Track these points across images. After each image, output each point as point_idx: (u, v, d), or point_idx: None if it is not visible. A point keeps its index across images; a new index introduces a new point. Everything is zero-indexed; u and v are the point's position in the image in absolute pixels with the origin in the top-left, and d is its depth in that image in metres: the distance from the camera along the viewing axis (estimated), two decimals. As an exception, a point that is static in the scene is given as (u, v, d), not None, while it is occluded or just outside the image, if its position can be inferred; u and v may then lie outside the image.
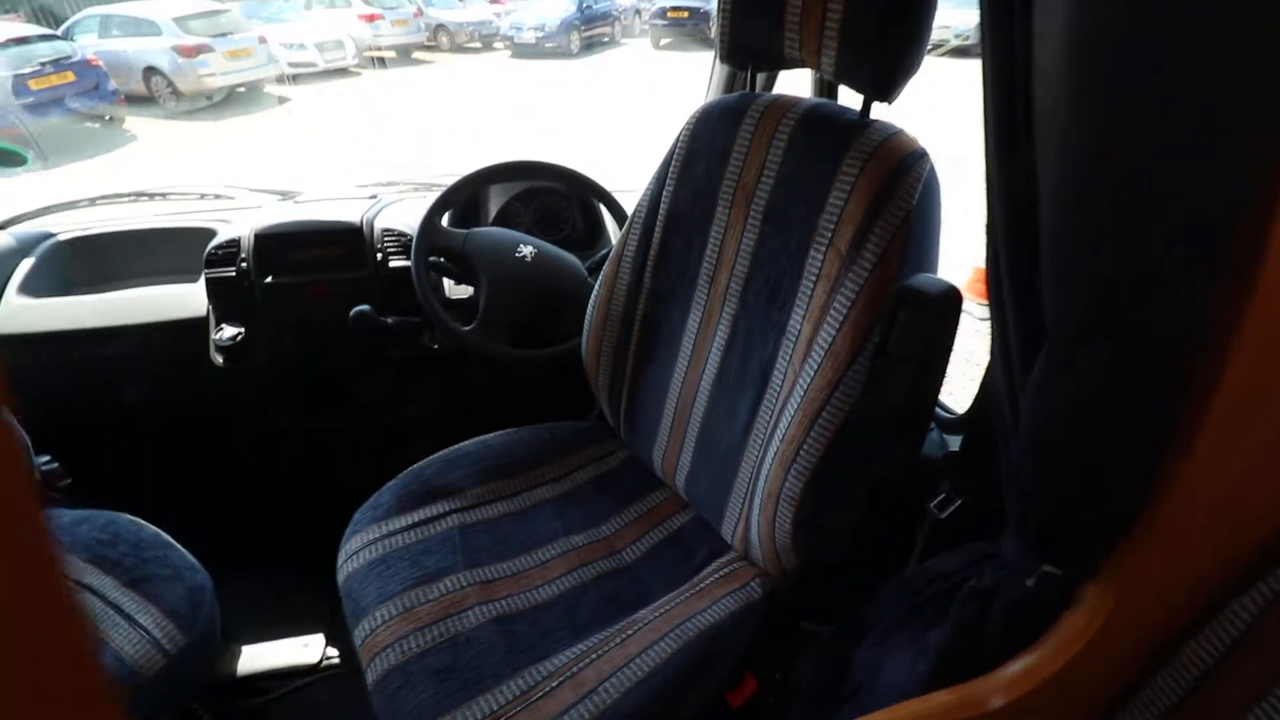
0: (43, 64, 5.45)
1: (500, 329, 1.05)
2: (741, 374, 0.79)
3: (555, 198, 1.38)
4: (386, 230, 1.23)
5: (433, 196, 1.09)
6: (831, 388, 0.65)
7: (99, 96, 5.85)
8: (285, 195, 1.49)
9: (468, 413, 1.60)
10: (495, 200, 1.39)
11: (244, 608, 1.34)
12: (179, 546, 0.88)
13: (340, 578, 0.80)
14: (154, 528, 0.90)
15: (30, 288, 1.26)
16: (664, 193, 0.86)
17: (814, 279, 0.70)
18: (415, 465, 0.93)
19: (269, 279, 1.18)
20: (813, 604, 1.00)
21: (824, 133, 0.70)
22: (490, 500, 0.90)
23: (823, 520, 0.67)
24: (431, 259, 1.11)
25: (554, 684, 0.66)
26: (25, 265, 1.27)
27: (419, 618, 0.72)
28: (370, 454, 1.60)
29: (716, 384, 0.83)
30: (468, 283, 1.14)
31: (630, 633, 0.71)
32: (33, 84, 5.37)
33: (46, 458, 1.01)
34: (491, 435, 1.00)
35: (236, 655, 1.21)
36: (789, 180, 0.73)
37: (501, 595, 0.76)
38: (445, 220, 1.28)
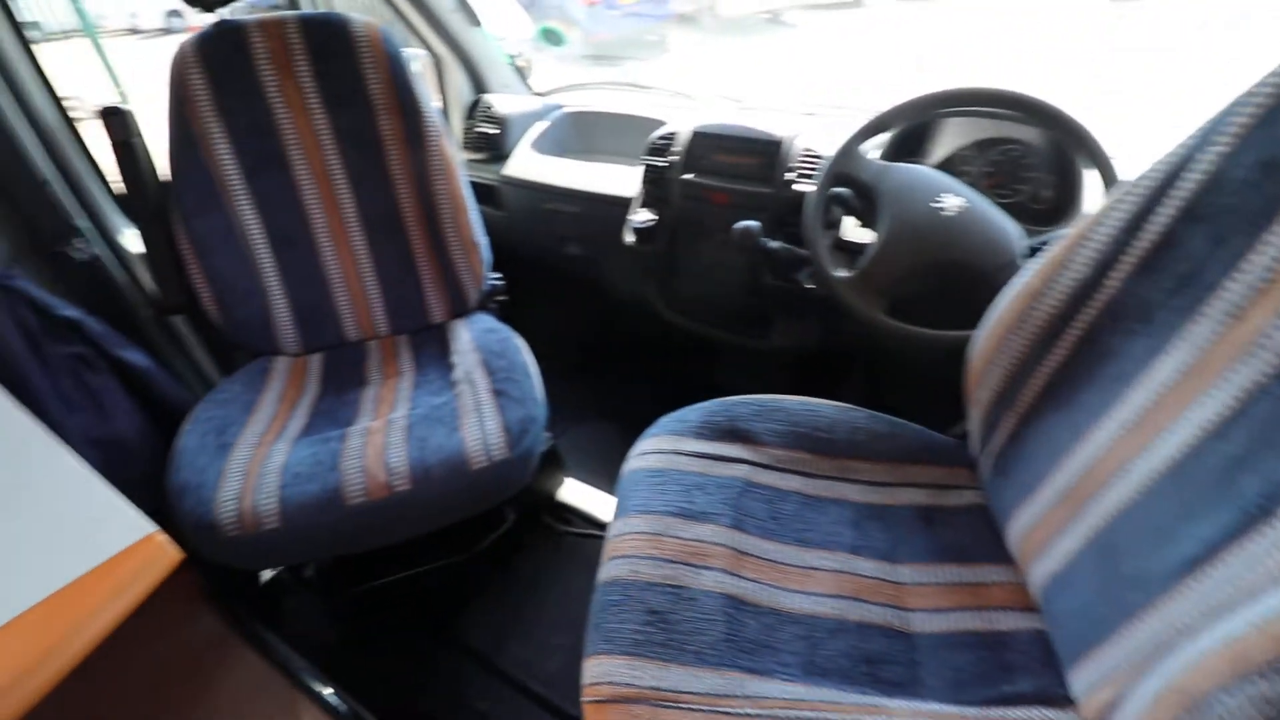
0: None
1: (880, 287, 0.87)
2: (1223, 481, 0.47)
3: (1022, 151, 1.06)
4: (806, 150, 1.13)
5: (863, 120, 0.94)
6: None
7: (661, 15, 7.13)
8: (738, 104, 1.52)
9: (820, 367, 1.48)
10: (948, 141, 1.14)
11: (589, 449, 1.56)
12: (536, 379, 1.03)
13: (624, 469, 0.81)
14: (528, 357, 1.07)
15: (538, 145, 1.58)
16: (1201, 156, 0.53)
17: None
18: (732, 398, 0.87)
19: (688, 175, 1.22)
20: None
21: None
22: (788, 469, 0.79)
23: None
24: (837, 190, 0.98)
25: (750, 711, 0.54)
26: (539, 127, 1.59)
27: (662, 547, 0.68)
28: (717, 364, 1.64)
29: (1166, 476, 0.52)
30: (870, 225, 0.97)
31: (867, 719, 0.54)
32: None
33: (498, 275, 1.28)
34: (822, 402, 0.87)
35: (561, 481, 1.42)
36: None
37: (748, 575, 0.67)
38: (878, 151, 1.12)
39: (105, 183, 1.19)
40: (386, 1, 1.47)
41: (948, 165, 1.13)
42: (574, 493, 1.41)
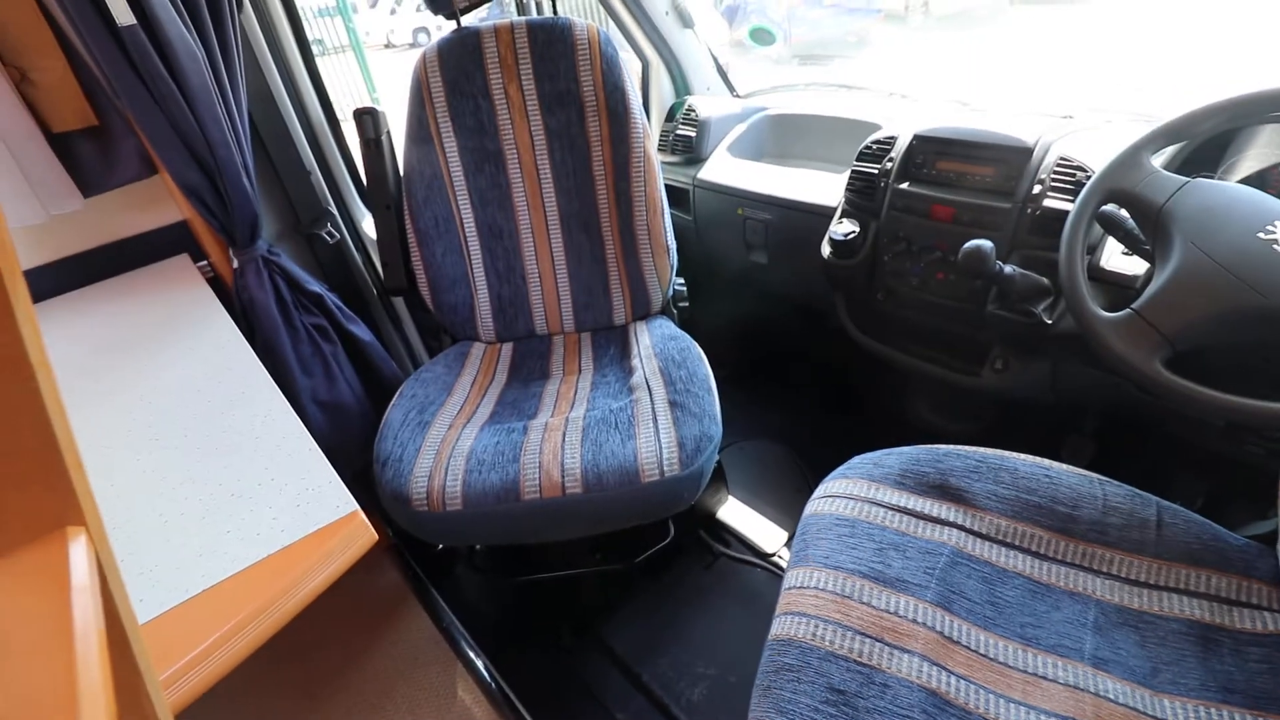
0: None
1: (1160, 335, 0.69)
2: None
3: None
4: (1063, 159, 0.95)
5: (1152, 125, 0.76)
6: None
7: (867, 12, 6.75)
8: (966, 106, 1.34)
9: (1041, 420, 1.26)
10: (1261, 153, 0.89)
11: (754, 468, 1.50)
12: (715, 395, 0.98)
13: (807, 508, 0.73)
14: (708, 370, 1.02)
15: (735, 149, 1.53)
16: None
17: None
18: (942, 446, 0.75)
19: (904, 184, 1.09)
20: None
21: None
22: (1011, 544, 0.66)
23: None
24: (1108, 208, 0.80)
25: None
26: (739, 129, 1.54)
27: (851, 615, 0.59)
28: (907, 394, 1.47)
29: None
30: (1147, 257, 0.79)
31: None
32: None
33: (681, 280, 1.26)
34: (1065, 468, 0.72)
35: (724, 500, 1.36)
36: None
37: (957, 669, 0.56)
38: (1158, 162, 0.91)
39: (354, 175, 1.35)
40: (604, 5, 1.51)
41: (1258, 184, 0.89)
42: (734, 513, 1.35)
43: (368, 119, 1.11)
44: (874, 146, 1.17)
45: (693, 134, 1.53)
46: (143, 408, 0.79)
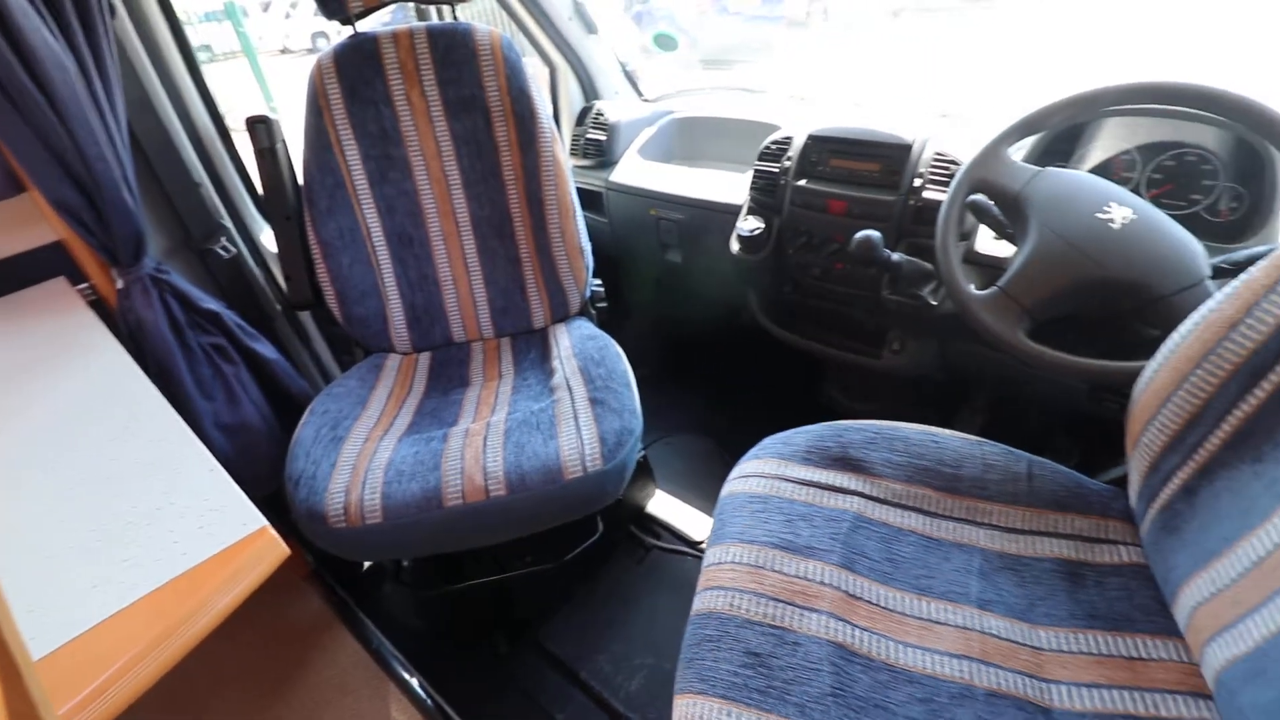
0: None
1: (1021, 307, 0.77)
2: None
3: (1199, 155, 0.91)
4: (938, 154, 1.04)
5: (1012, 119, 0.84)
6: None
7: (771, 19, 7.02)
8: (857, 106, 1.43)
9: (935, 393, 1.36)
10: (1104, 145, 1.01)
11: (680, 462, 1.53)
12: (634, 390, 1.00)
13: (723, 490, 0.77)
14: (627, 365, 1.05)
15: (645, 151, 1.57)
16: None
17: None
18: (844, 422, 0.81)
19: (802, 181, 1.16)
20: None
21: None
22: (905, 505, 0.72)
23: None
24: (975, 197, 0.88)
25: (860, 779, 0.49)
26: (648, 132, 1.58)
27: (764, 583, 0.63)
28: (821, 380, 1.55)
29: None
30: (1010, 239, 0.87)
31: (1003, 807, 0.47)
32: (731, 4, 6.75)
33: (598, 281, 1.28)
34: (948, 433, 0.78)
35: (651, 494, 1.39)
36: None
37: (859, 622, 0.60)
38: (1020, 154, 1.01)
39: (249, 187, 1.29)
40: (507, 11, 1.51)
41: (1103, 171, 1.00)
42: (663, 506, 1.38)
43: (261, 128, 1.07)
44: (773, 146, 1.23)
45: (603, 138, 1.56)
46: (22, 443, 0.73)
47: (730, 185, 1.35)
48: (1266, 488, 0.53)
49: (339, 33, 1.14)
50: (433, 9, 1.31)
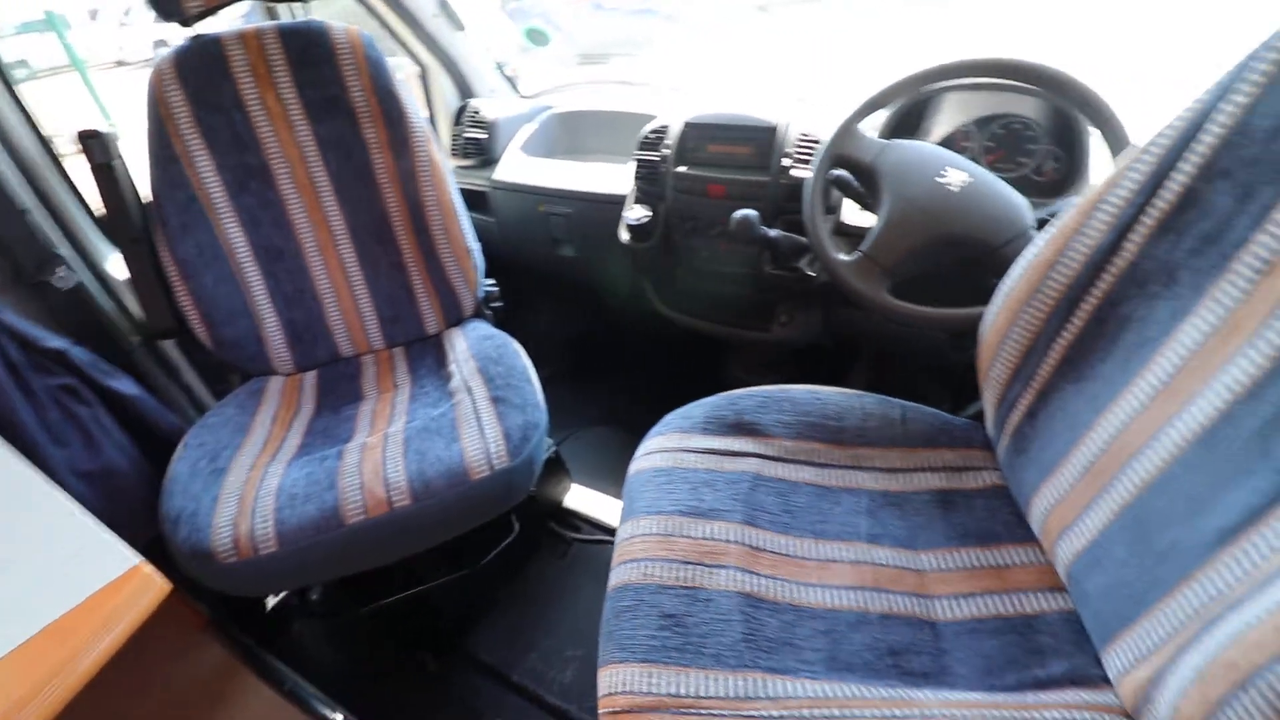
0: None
1: (884, 268, 0.85)
2: (1258, 445, 0.45)
3: (1023, 124, 1.03)
4: (802, 135, 1.11)
5: (860, 98, 0.91)
6: None
7: (648, 14, 7.13)
8: (727, 93, 1.50)
9: (826, 357, 1.46)
10: (946, 119, 1.11)
11: (594, 454, 1.54)
12: (536, 384, 1.00)
13: (630, 469, 0.79)
14: (527, 361, 1.04)
15: (528, 147, 1.56)
16: (1222, 107, 0.51)
17: None
18: (737, 391, 0.85)
19: (681, 168, 1.20)
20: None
21: None
22: (798, 460, 0.77)
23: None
24: (837, 172, 0.95)
25: (774, 712, 0.52)
26: (529, 128, 1.57)
27: (674, 548, 0.65)
28: (722, 359, 1.61)
29: (1197, 444, 0.49)
30: (870, 208, 0.95)
31: (898, 713, 0.51)
32: (607, 1, 6.81)
33: (491, 281, 1.26)
34: (830, 390, 0.84)
35: (567, 489, 1.39)
36: None
37: (764, 571, 0.64)
38: (872, 130, 1.09)
39: (88, 209, 1.17)
40: (368, 9, 1.45)
41: (948, 143, 1.11)
42: (581, 499, 1.39)
43: (94, 142, 0.97)
44: (651, 135, 1.26)
45: (482, 136, 1.53)
46: None
47: (615, 176, 1.37)
48: (1088, 402, 0.61)
49: (181, 38, 1.05)
50: (283, 8, 1.23)
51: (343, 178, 1.11)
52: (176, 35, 1.03)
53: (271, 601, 1.24)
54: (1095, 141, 0.96)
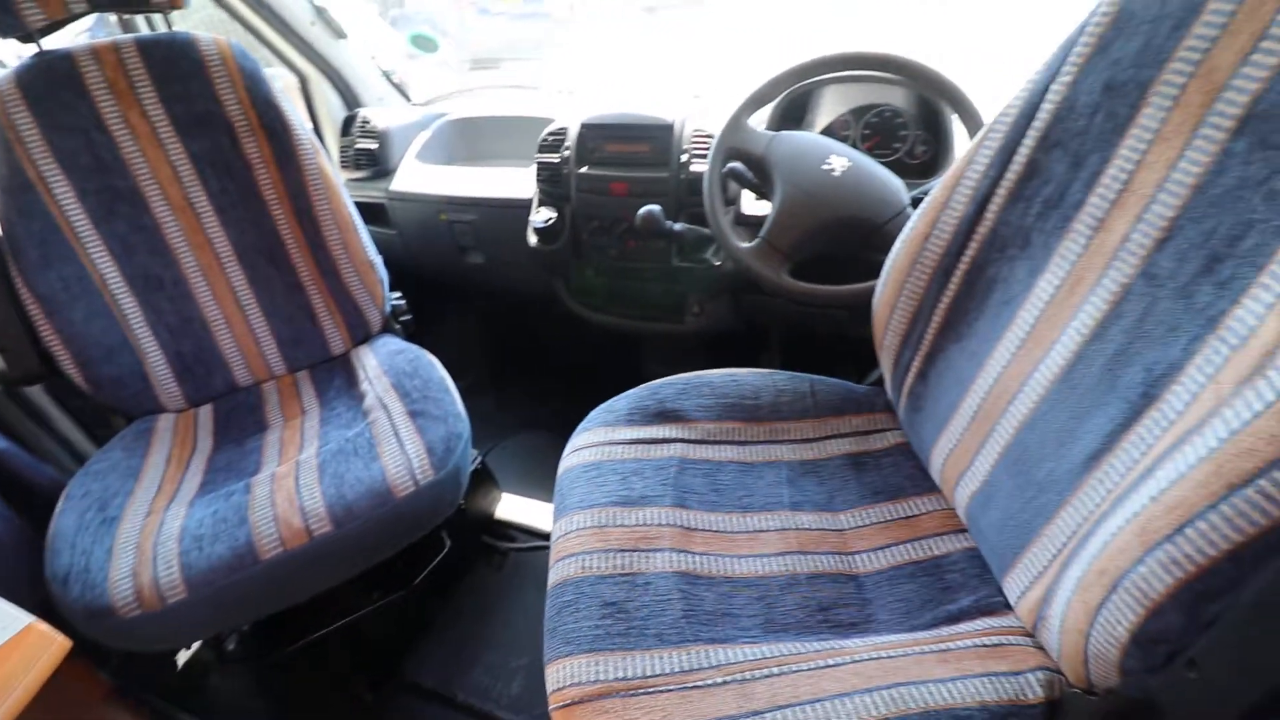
0: (500, -13, 6.74)
1: (781, 252, 0.90)
2: (1108, 378, 0.52)
3: (894, 112, 1.12)
4: (697, 130, 1.15)
5: (746, 93, 0.96)
6: None
7: (537, 17, 7.09)
8: (622, 93, 1.52)
9: (739, 343, 1.51)
10: (827, 110, 1.19)
11: (521, 462, 1.52)
12: (455, 394, 0.98)
13: (560, 468, 0.79)
14: (444, 372, 1.02)
15: (424, 155, 1.52)
16: (1053, 85, 0.58)
17: (1324, 241, 0.39)
18: (658, 380, 0.87)
19: (583, 169, 1.21)
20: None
21: None
22: (720, 441, 0.80)
23: (1195, 657, 0.40)
24: (732, 165, 0.99)
25: (718, 679, 0.54)
26: (423, 137, 1.53)
27: (609, 538, 0.66)
28: (639, 355, 1.64)
29: (1059, 383, 0.56)
30: (765, 197, 1.00)
31: (831, 662, 0.55)
32: (493, 6, 6.73)
33: (398, 295, 1.22)
34: (744, 371, 0.88)
35: (497, 500, 1.37)
36: None
37: (697, 549, 0.67)
38: (761, 123, 1.15)
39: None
40: (238, 20, 1.37)
41: (829, 132, 1.18)
42: (513, 508, 1.37)
43: None
44: (550, 138, 1.27)
45: (374, 146, 1.48)
46: None
47: (518, 180, 1.36)
48: (969, 359, 0.67)
49: (20, 56, 0.95)
50: (140, 19, 1.14)
51: (225, 197, 1.04)
52: (18, 53, 0.93)
53: (183, 657, 1.15)
54: (958, 124, 1.06)
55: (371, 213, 1.49)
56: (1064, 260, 0.57)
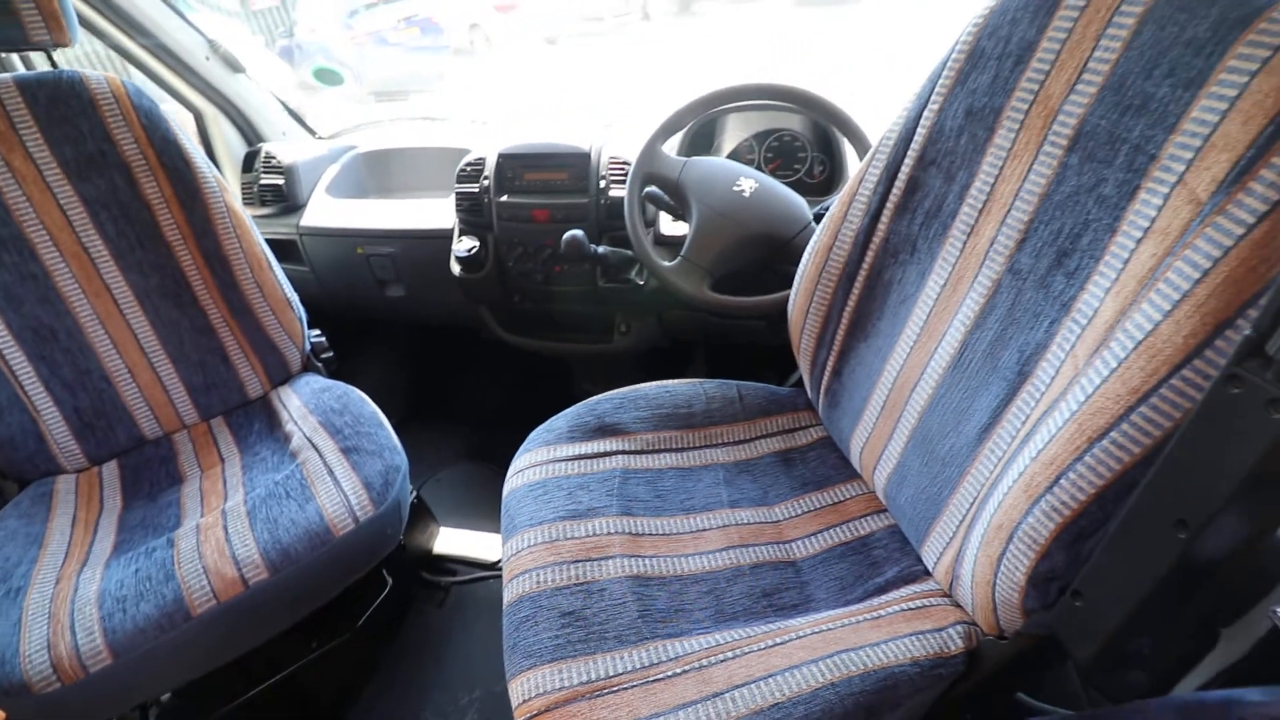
0: (400, 20, 6.65)
1: (701, 269, 0.96)
2: (989, 361, 0.60)
3: (792, 136, 1.22)
4: (613, 158, 1.20)
5: (658, 122, 1.02)
6: (1136, 398, 0.44)
7: (436, 49, 7.03)
8: (534, 123, 1.56)
9: (668, 358, 1.57)
10: (731, 136, 1.28)
11: (456, 494, 1.50)
12: (389, 428, 0.97)
13: (504, 491, 0.80)
14: (374, 407, 1.01)
15: (334, 189, 1.49)
16: (925, 112, 0.67)
17: (1138, 235, 0.47)
18: (595, 397, 0.90)
19: (504, 198, 1.23)
20: (1032, 674, 0.77)
21: (1200, 9, 0.46)
22: (659, 449, 0.84)
23: (1077, 587, 0.47)
24: (649, 190, 1.05)
25: (677, 670, 0.57)
26: (332, 170, 1.51)
27: (561, 552, 0.68)
28: (570, 377, 1.67)
29: (951, 370, 0.64)
30: (682, 218, 1.06)
31: (778, 640, 0.60)
32: (391, 36, 6.62)
33: (317, 332, 1.19)
34: (676, 382, 0.93)
35: (435, 534, 1.35)
36: (1122, 87, 0.50)
37: (646, 553, 0.70)
38: (674, 149, 1.22)
39: None
40: (127, 58, 1.30)
41: (735, 156, 1.27)
42: (451, 542, 1.35)
43: None
44: (468, 169, 1.28)
45: (280, 182, 1.44)
46: None
47: (436, 211, 1.36)
48: (875, 354, 0.75)
49: None
50: (16, 59, 1.07)
51: (123, 240, 0.99)
52: None
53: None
54: (849, 146, 1.17)
55: (282, 250, 1.44)
56: (945, 263, 0.65)
